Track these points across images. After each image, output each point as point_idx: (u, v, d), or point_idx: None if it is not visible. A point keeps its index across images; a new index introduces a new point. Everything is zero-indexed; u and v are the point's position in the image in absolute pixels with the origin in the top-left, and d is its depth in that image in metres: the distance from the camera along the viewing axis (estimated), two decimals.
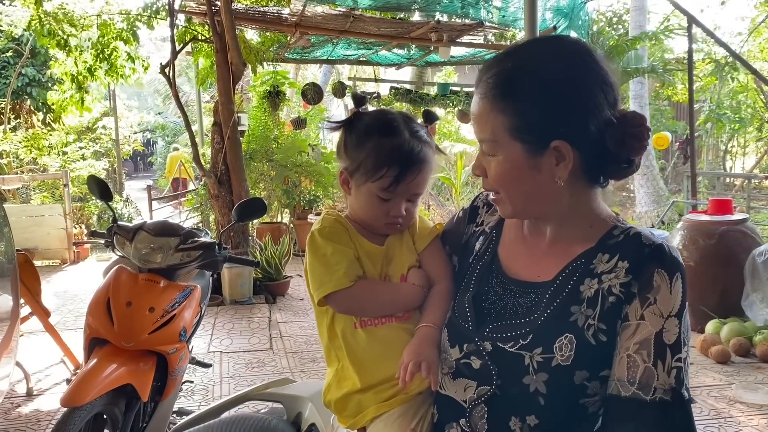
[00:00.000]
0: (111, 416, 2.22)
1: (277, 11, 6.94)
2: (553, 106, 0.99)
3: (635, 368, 0.95)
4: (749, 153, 15.95)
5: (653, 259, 0.99)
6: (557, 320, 1.02)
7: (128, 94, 25.35)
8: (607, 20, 13.56)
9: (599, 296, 1.00)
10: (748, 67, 8.25)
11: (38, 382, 3.87)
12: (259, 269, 6.07)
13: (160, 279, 2.38)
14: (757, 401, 3.37)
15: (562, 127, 0.99)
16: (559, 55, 1.02)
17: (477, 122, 1.06)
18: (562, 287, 1.04)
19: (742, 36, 14.11)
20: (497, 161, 1.04)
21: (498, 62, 1.05)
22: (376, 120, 1.20)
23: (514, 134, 1.01)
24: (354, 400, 1.18)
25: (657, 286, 0.97)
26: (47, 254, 8.08)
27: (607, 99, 1.00)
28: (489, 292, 1.13)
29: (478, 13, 6.94)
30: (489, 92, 1.02)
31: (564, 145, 0.99)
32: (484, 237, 1.21)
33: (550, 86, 0.99)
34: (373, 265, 1.20)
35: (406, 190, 1.18)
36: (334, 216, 1.24)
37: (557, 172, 1.01)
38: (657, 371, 0.94)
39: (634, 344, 0.96)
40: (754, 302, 4.32)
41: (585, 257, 1.05)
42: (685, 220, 4.89)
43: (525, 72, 1.01)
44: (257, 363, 4.22)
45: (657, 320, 0.96)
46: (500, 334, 1.05)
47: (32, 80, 11.28)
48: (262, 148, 8.22)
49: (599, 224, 1.07)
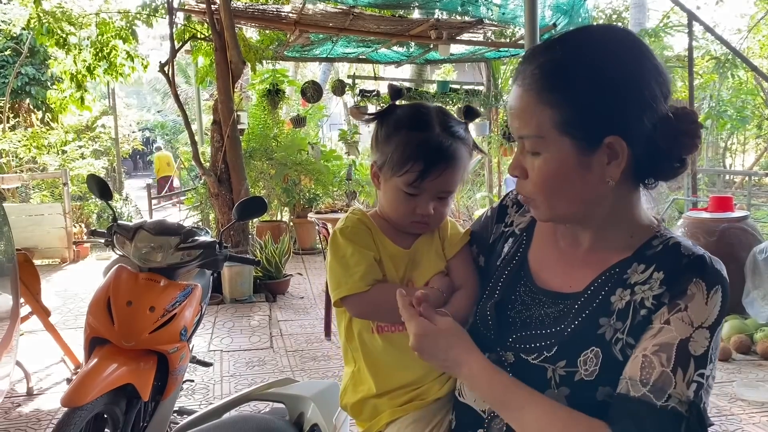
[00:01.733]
0: (112, 416, 2.21)
1: (276, 9, 6.92)
2: (608, 98, 0.90)
3: (650, 369, 0.87)
4: (749, 150, 15.94)
5: (692, 269, 0.92)
6: (584, 332, 0.95)
7: (127, 92, 25.32)
8: (607, 17, 13.54)
9: (630, 308, 0.93)
10: (748, 63, 8.24)
11: (38, 381, 3.86)
12: (259, 268, 6.06)
13: (160, 278, 2.37)
14: (759, 398, 3.37)
15: (617, 120, 0.90)
16: (613, 44, 0.94)
17: (519, 117, 0.96)
18: (593, 297, 0.98)
19: (742, 33, 14.10)
20: (542, 160, 0.94)
21: (544, 51, 0.95)
22: (408, 113, 1.16)
23: (563, 129, 0.91)
24: (369, 405, 1.17)
25: (691, 294, 0.90)
26: (47, 253, 8.08)
27: (662, 92, 0.93)
28: (516, 301, 1.06)
29: (477, 11, 6.92)
30: (535, 84, 0.93)
31: (618, 141, 0.90)
32: (514, 239, 1.14)
33: (606, 75, 0.91)
34: (395, 268, 1.16)
35: (434, 187, 1.13)
36: (359, 215, 1.20)
37: (608, 172, 0.92)
38: (675, 378, 0.85)
39: (653, 345, 0.88)
40: (754, 299, 4.32)
41: (620, 267, 0.98)
42: (685, 217, 4.89)
43: (578, 60, 0.92)
44: (258, 362, 4.22)
45: (685, 327, 0.88)
46: (524, 345, 1.00)
47: (31, 79, 11.26)
48: (262, 147, 8.22)
49: (640, 233, 1.00)
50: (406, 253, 1.18)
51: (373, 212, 1.22)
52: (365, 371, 1.17)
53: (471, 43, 8.18)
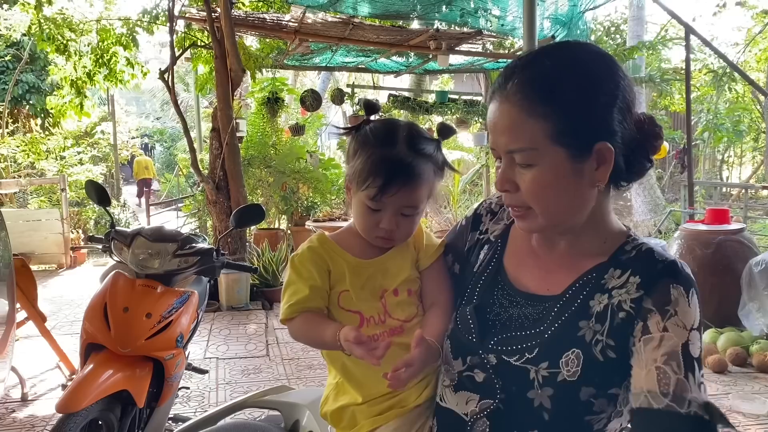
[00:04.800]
0: (107, 422, 2.20)
1: (276, 18, 6.95)
2: (594, 106, 0.95)
3: (667, 380, 0.90)
4: (746, 163, 16.01)
5: (667, 274, 0.97)
6: (564, 334, 0.99)
7: (127, 99, 25.33)
8: (605, 30, 13.63)
9: (608, 311, 0.98)
10: (745, 77, 8.29)
11: (33, 387, 3.85)
12: (256, 275, 6.05)
13: (157, 284, 2.37)
14: (754, 411, 3.37)
15: (603, 127, 0.95)
16: (591, 57, 0.99)
17: (507, 132, 0.97)
18: (572, 301, 1.01)
19: (739, 46, 14.19)
20: (536, 171, 0.96)
21: (528, 66, 0.98)
22: (377, 128, 1.18)
23: (556, 139, 0.95)
24: (349, 412, 1.18)
25: (675, 299, 0.95)
26: (44, 259, 8.06)
27: (633, 100, 0.99)
28: (494, 304, 1.09)
29: (476, 22, 6.97)
30: (524, 98, 0.95)
31: (606, 146, 0.95)
32: (489, 246, 1.17)
33: (593, 85, 0.95)
34: (359, 278, 1.18)
35: (395, 203, 1.14)
36: (313, 241, 1.22)
37: (597, 176, 0.97)
38: (689, 384, 0.89)
39: (661, 356, 0.91)
40: (750, 312, 4.32)
41: (596, 272, 1.02)
42: (682, 229, 4.90)
43: (566, 71, 0.96)
44: (254, 369, 4.21)
45: (681, 332, 0.93)
46: (505, 347, 1.03)
47: (31, 85, 11.28)
48: (261, 155, 8.22)
49: (613, 238, 1.04)
50: (370, 263, 1.20)
51: (346, 227, 1.26)
52: (345, 383, 1.19)
53: (470, 54, 8.22)
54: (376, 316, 1.17)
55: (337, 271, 1.19)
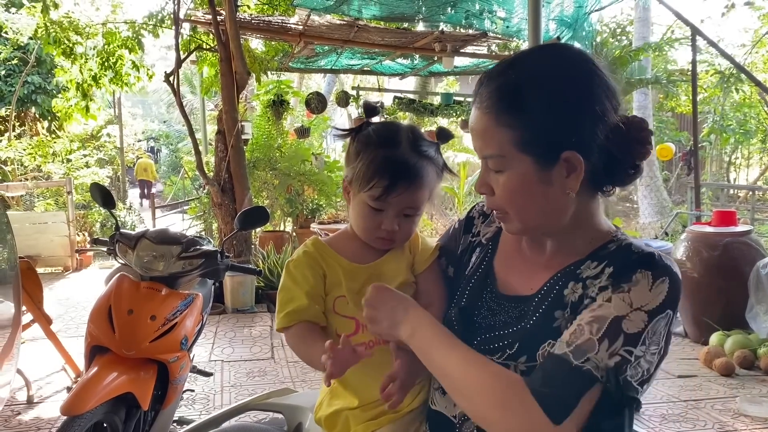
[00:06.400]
0: (111, 425, 2.20)
1: (281, 21, 6.97)
2: (562, 115, 0.96)
3: (579, 335, 0.92)
4: (753, 164, 15.93)
5: (640, 263, 0.97)
6: (542, 327, 1.00)
7: (132, 102, 25.46)
8: (611, 31, 13.59)
9: (582, 301, 0.98)
10: (752, 78, 8.26)
11: (39, 389, 3.86)
12: (261, 278, 6.06)
13: (161, 287, 2.37)
14: (762, 414, 3.34)
15: (571, 136, 0.96)
16: (563, 63, 1.00)
17: (481, 138, 1.01)
18: (549, 293, 1.03)
19: (746, 47, 14.13)
20: (506, 177, 1.00)
21: (499, 74, 1.01)
22: (378, 130, 1.19)
23: (522, 148, 0.97)
24: (342, 417, 1.18)
25: (636, 280, 0.94)
26: (50, 261, 8.10)
27: (612, 104, 0.98)
28: (482, 307, 1.11)
29: (482, 24, 6.96)
30: (493, 106, 0.98)
31: (574, 156, 0.96)
32: (481, 249, 1.19)
33: (559, 95, 0.96)
34: (355, 283, 1.18)
35: (399, 203, 1.15)
36: (308, 246, 1.23)
37: (568, 184, 0.98)
38: (599, 347, 0.90)
39: (589, 317, 0.93)
40: (758, 314, 4.30)
41: (574, 265, 1.04)
42: (688, 231, 4.88)
43: (531, 82, 0.97)
44: (258, 372, 4.21)
45: (622, 306, 0.92)
46: (488, 346, 1.04)
47: (37, 88, 11.33)
48: (266, 157, 8.24)
49: (599, 237, 1.05)
50: (366, 268, 1.20)
51: (342, 231, 1.27)
52: (340, 387, 1.19)
53: (475, 56, 8.22)
54: None
55: (333, 276, 1.19)
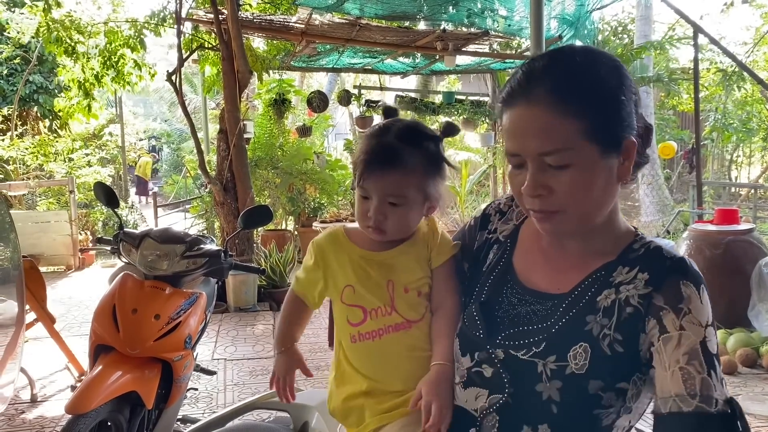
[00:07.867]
0: (116, 423, 2.21)
1: (283, 20, 6.96)
2: (619, 102, 0.97)
3: (692, 380, 0.90)
4: (755, 163, 15.91)
5: (676, 271, 0.98)
6: (572, 329, 1.00)
7: (134, 101, 25.44)
8: (613, 29, 13.56)
9: (616, 306, 0.99)
10: (754, 76, 8.23)
11: (43, 388, 3.87)
12: (264, 277, 6.06)
13: (165, 286, 2.38)
14: (765, 413, 3.35)
15: (629, 122, 0.98)
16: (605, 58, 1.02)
17: (538, 135, 0.96)
18: (580, 297, 1.02)
19: (748, 45, 14.10)
20: (573, 171, 0.96)
21: (552, 67, 0.99)
22: (381, 124, 1.23)
23: (591, 137, 0.95)
24: (356, 406, 1.19)
25: (687, 296, 0.95)
26: (53, 260, 8.11)
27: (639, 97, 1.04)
28: (503, 302, 1.10)
29: (483, 23, 6.95)
30: (554, 99, 0.95)
31: (632, 141, 0.98)
32: (498, 246, 1.19)
33: (612, 84, 0.98)
34: (371, 268, 1.22)
35: (379, 188, 1.16)
36: (335, 228, 1.30)
37: (623, 171, 0.99)
38: (713, 381, 0.89)
39: (683, 355, 0.91)
40: (760, 313, 4.30)
41: (605, 270, 1.03)
42: (690, 229, 4.87)
43: (589, 72, 0.98)
44: (261, 370, 4.21)
45: (698, 329, 0.93)
46: (513, 342, 1.04)
47: (39, 87, 11.33)
48: (268, 156, 8.24)
49: (622, 237, 1.06)
50: (378, 255, 1.23)
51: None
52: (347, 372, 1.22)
53: (477, 55, 8.21)
54: (383, 308, 1.18)
55: (341, 263, 1.23)
